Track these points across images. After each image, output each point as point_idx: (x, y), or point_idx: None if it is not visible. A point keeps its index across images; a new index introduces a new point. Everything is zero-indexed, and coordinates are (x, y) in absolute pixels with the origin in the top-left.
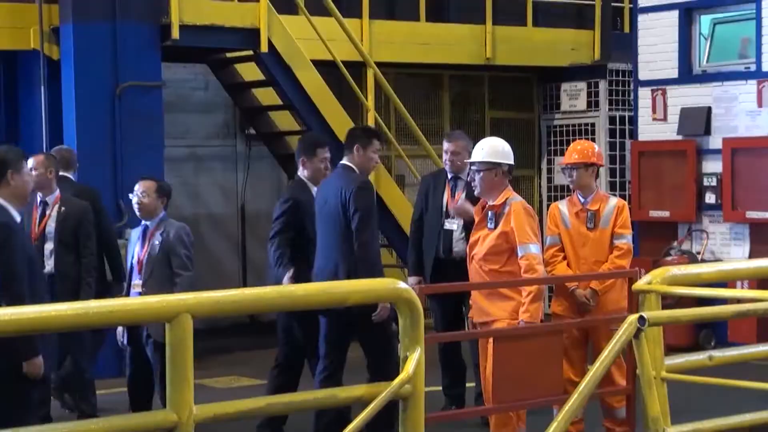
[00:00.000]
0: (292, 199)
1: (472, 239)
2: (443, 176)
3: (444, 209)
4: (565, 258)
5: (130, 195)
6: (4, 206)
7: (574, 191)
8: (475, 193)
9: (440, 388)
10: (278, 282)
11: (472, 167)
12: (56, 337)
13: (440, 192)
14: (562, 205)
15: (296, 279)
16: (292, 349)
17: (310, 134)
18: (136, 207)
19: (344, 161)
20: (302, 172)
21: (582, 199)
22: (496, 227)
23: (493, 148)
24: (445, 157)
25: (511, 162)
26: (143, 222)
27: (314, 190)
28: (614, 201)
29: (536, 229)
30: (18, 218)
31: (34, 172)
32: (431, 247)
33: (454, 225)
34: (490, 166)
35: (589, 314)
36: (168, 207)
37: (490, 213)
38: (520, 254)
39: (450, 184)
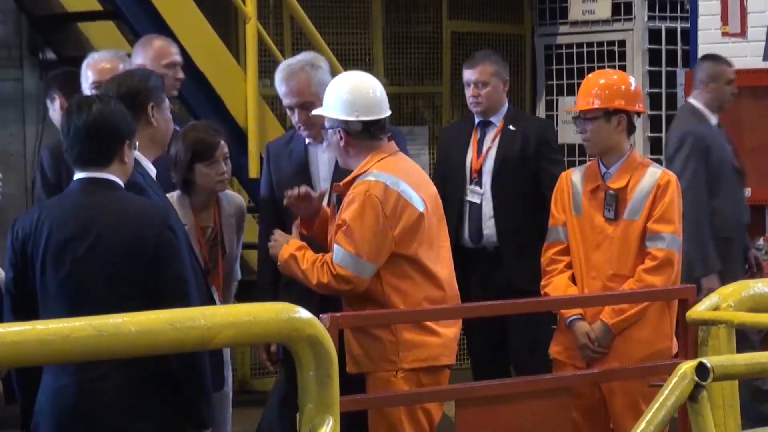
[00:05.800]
0: None
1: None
2: (469, 123)
3: (469, 172)
4: (570, 265)
5: None
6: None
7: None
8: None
9: None
10: None
11: None
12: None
13: (463, 146)
14: (576, 176)
15: None
16: None
17: None
18: None
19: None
20: None
21: (603, 169)
22: (337, 215)
23: (336, 96)
24: (467, 93)
25: (373, 117)
26: None
27: None
28: (655, 174)
29: (372, 228)
30: (153, 172)
31: None
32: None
33: (478, 196)
34: (331, 125)
35: (599, 364)
36: None
37: (335, 196)
38: None
39: (477, 132)
